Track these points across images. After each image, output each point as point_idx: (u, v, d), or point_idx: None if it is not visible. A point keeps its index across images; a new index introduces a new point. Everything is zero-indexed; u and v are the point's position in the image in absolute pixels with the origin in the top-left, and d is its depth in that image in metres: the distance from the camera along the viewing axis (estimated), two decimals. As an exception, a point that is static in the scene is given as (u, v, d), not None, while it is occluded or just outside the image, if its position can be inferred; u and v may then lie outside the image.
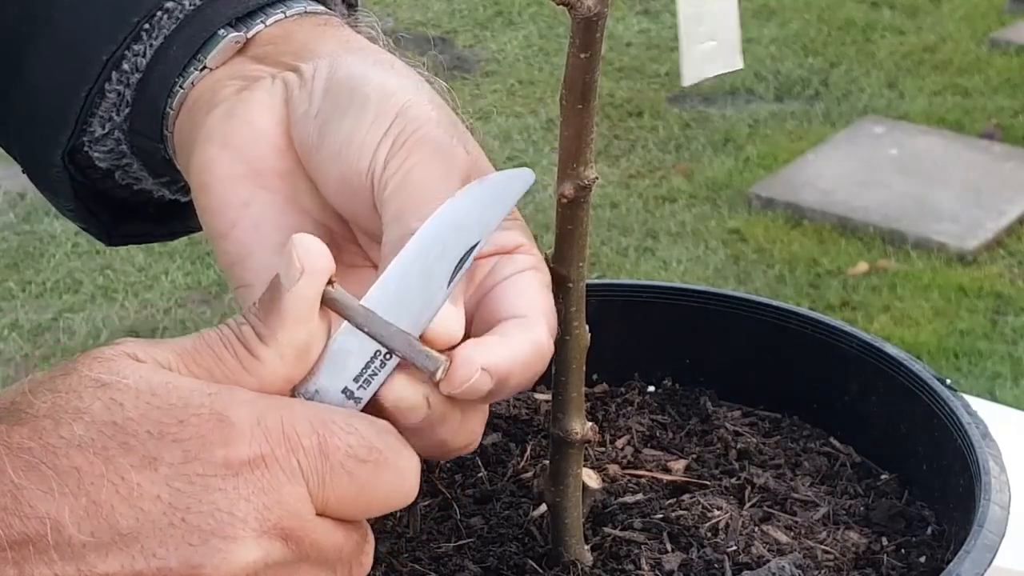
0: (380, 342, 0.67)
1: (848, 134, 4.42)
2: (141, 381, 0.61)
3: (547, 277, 0.73)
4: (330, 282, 0.67)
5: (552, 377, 0.81)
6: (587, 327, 0.80)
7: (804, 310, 1.00)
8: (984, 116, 4.53)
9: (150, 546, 0.59)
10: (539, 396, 1.00)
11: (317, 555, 0.63)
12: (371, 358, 0.67)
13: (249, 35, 0.81)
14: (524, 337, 0.69)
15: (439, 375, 0.67)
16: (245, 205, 0.75)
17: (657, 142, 4.43)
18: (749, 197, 4.05)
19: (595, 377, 1.02)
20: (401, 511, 0.89)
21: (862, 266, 3.75)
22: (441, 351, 0.68)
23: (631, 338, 1.01)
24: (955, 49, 5.02)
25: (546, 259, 0.77)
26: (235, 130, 0.76)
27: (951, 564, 0.77)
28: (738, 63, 0.79)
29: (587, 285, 0.79)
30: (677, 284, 1.07)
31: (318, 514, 0.63)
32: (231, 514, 0.60)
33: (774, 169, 4.22)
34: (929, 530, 0.88)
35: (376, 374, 0.67)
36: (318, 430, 0.63)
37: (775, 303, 1.00)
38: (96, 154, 0.86)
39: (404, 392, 0.67)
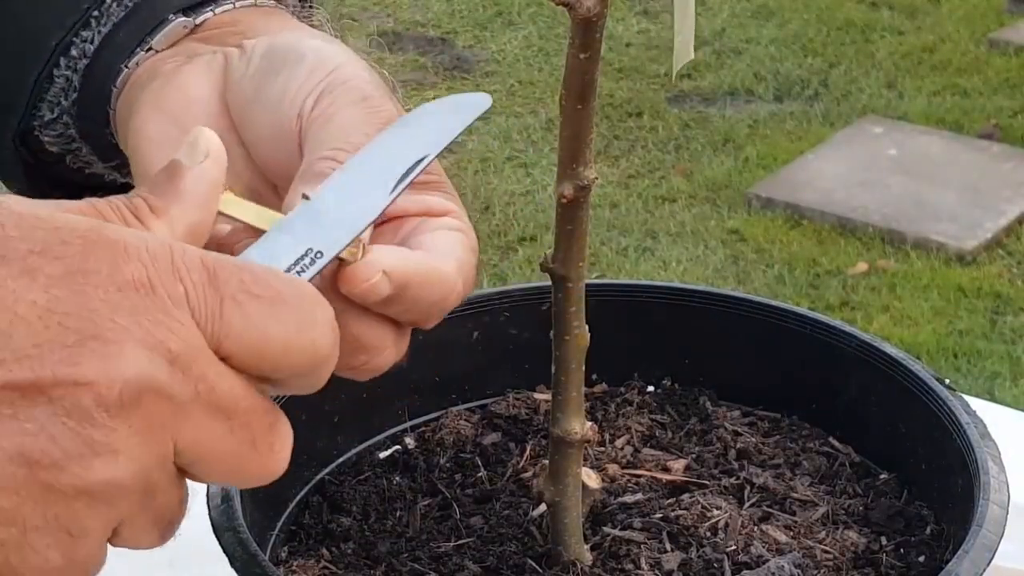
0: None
1: (847, 134, 4.42)
2: (25, 207, 0.60)
3: (474, 242, 0.72)
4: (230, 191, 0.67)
5: (552, 377, 0.82)
6: (586, 327, 0.80)
7: (803, 310, 1.00)
8: (983, 116, 4.53)
9: (22, 346, 0.57)
10: (539, 396, 1.00)
11: (209, 397, 0.59)
12: (302, 256, 0.65)
13: (198, 21, 0.83)
14: (429, 259, 0.68)
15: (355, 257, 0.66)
16: None
17: (657, 142, 4.42)
18: (748, 197, 4.05)
19: (594, 377, 1.02)
20: (401, 511, 0.90)
21: (861, 266, 3.75)
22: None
23: (630, 338, 1.01)
24: (954, 49, 5.02)
25: (546, 259, 0.78)
26: (168, 96, 0.78)
27: (950, 564, 0.77)
28: (691, 54, 0.80)
29: (587, 285, 0.79)
30: (677, 284, 1.07)
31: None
32: (112, 320, 0.58)
33: (773, 169, 4.22)
34: (928, 530, 0.89)
35: (303, 272, 0.65)
36: (208, 266, 0.60)
37: (774, 303, 1.00)
38: (46, 138, 0.87)
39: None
